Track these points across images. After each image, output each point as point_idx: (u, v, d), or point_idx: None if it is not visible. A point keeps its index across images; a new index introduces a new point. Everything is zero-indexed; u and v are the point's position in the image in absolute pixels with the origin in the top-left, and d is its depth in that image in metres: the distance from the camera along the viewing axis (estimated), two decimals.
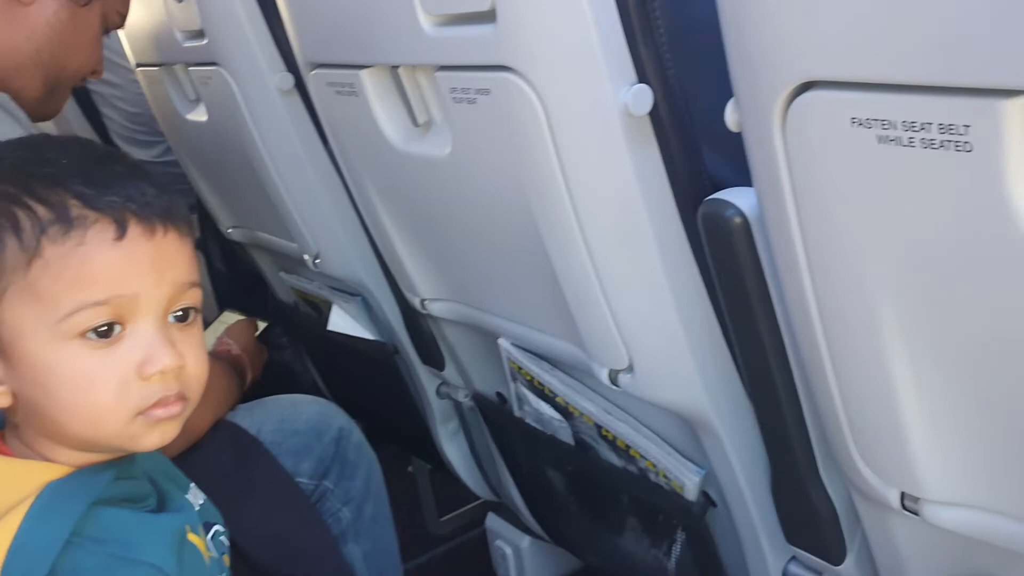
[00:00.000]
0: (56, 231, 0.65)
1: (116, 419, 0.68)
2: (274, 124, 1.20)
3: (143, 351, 0.67)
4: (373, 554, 1.22)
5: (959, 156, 0.50)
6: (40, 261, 0.65)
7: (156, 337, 0.68)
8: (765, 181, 0.63)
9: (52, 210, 0.66)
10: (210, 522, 0.81)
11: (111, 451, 0.71)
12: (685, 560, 1.02)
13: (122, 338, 0.67)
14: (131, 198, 0.68)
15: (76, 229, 0.66)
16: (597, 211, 0.78)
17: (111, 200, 0.67)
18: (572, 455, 1.08)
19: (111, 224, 0.67)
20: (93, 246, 0.66)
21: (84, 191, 0.67)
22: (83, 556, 0.65)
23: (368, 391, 1.53)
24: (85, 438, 0.69)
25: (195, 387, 0.71)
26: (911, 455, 0.65)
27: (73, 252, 0.65)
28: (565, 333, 0.93)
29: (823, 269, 0.62)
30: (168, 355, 0.68)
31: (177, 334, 0.70)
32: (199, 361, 0.71)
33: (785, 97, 0.57)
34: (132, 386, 0.67)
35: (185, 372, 0.70)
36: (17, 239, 0.65)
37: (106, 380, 0.67)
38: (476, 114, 0.81)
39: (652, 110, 0.74)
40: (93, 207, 0.66)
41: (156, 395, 0.68)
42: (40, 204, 0.66)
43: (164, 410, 0.69)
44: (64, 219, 0.66)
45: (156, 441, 0.70)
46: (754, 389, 0.81)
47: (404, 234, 1.08)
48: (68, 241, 0.65)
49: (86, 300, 0.65)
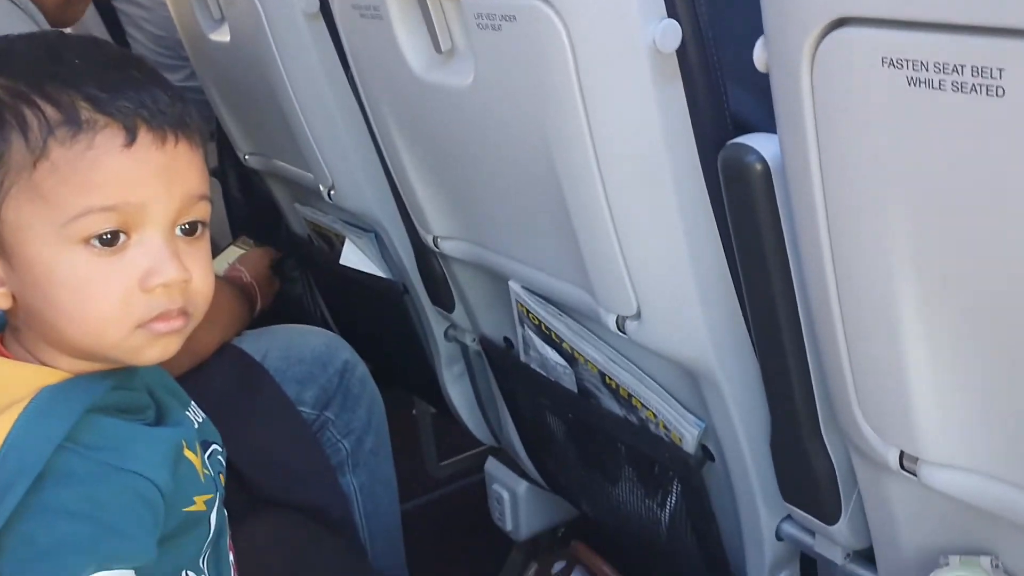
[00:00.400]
0: (64, 133, 0.64)
1: (117, 330, 0.67)
2: (297, 49, 1.19)
3: (148, 262, 0.66)
4: (370, 486, 1.23)
5: (991, 101, 0.48)
6: (46, 163, 0.64)
7: (162, 249, 0.67)
8: (789, 123, 0.61)
9: (61, 111, 0.65)
10: (208, 440, 0.81)
11: (111, 362, 0.71)
12: (678, 512, 1.02)
13: (127, 247, 0.66)
14: (143, 104, 0.66)
15: (85, 133, 0.65)
16: (616, 149, 0.77)
17: (123, 105, 0.66)
18: (574, 402, 1.08)
19: (121, 130, 0.65)
20: (102, 151, 0.65)
21: (96, 94, 0.65)
22: (75, 460, 0.65)
23: (375, 329, 1.53)
24: (85, 347, 0.68)
25: (199, 303, 0.70)
26: (913, 414, 0.64)
27: (81, 156, 0.64)
28: (575, 278, 0.92)
29: (841, 216, 0.61)
30: (173, 268, 0.67)
31: (184, 247, 0.69)
32: (205, 276, 0.70)
33: (816, 35, 0.56)
34: (135, 297, 0.66)
35: (190, 287, 0.69)
36: (23, 138, 0.64)
37: (109, 289, 0.66)
38: (500, 42, 0.80)
39: (679, 48, 0.72)
40: (104, 111, 0.65)
41: (159, 308, 0.67)
42: (49, 104, 0.65)
43: (166, 324, 0.68)
44: (73, 121, 0.64)
45: (156, 355, 0.69)
46: (761, 342, 0.80)
47: (421, 168, 1.07)
48: (76, 144, 0.64)
49: (92, 204, 0.64)
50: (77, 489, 0.64)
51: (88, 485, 0.65)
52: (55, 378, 0.68)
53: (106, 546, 0.64)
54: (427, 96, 0.94)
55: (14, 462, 0.62)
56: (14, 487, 0.62)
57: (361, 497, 1.22)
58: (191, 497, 0.73)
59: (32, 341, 0.70)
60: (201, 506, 0.74)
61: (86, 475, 0.65)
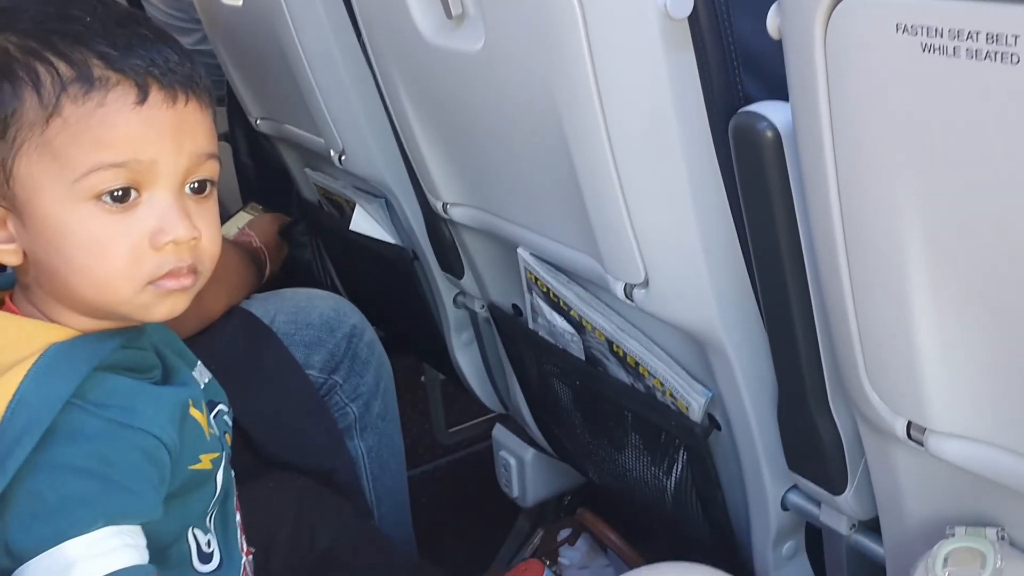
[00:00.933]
0: (77, 90, 0.65)
1: (127, 286, 0.68)
2: (309, 13, 1.18)
3: (158, 220, 0.67)
4: (377, 451, 1.23)
5: (1005, 68, 0.48)
6: (59, 119, 0.65)
7: (172, 207, 0.68)
8: (801, 90, 0.60)
9: (74, 68, 0.65)
10: (214, 400, 0.82)
11: (120, 319, 0.71)
12: (684, 481, 1.02)
13: (137, 204, 0.67)
14: (154, 62, 0.67)
15: (97, 90, 0.65)
16: (626, 117, 0.76)
17: (134, 63, 0.66)
18: (582, 369, 1.08)
19: (133, 88, 0.66)
20: (113, 108, 0.65)
21: (107, 51, 0.66)
22: (83, 417, 0.66)
23: (385, 296, 1.53)
24: (95, 303, 0.69)
25: (207, 261, 0.71)
26: (921, 384, 0.64)
27: (93, 113, 0.65)
28: (583, 245, 0.92)
29: (851, 184, 0.60)
30: (183, 226, 0.68)
31: (193, 206, 0.70)
32: (213, 235, 0.71)
33: (830, 1, 0.55)
34: (145, 254, 0.67)
35: (199, 245, 0.70)
36: (36, 94, 0.65)
37: (119, 246, 0.66)
38: (511, 7, 0.79)
39: (691, 14, 0.71)
40: (116, 69, 0.66)
41: (168, 265, 0.68)
42: (62, 61, 0.65)
43: (175, 281, 0.69)
44: (86, 79, 0.65)
45: (165, 312, 0.70)
46: (770, 310, 0.80)
47: (430, 134, 1.06)
48: (88, 101, 0.65)
49: (103, 161, 0.65)
50: (85, 446, 0.65)
51: (96, 442, 0.65)
52: (64, 335, 0.69)
53: (113, 502, 0.65)
54: (437, 61, 0.94)
55: (22, 418, 0.63)
56: (21, 443, 0.62)
57: (368, 461, 1.22)
58: (197, 455, 0.73)
59: (41, 299, 0.71)
60: (207, 464, 0.74)
61: (94, 432, 0.66)
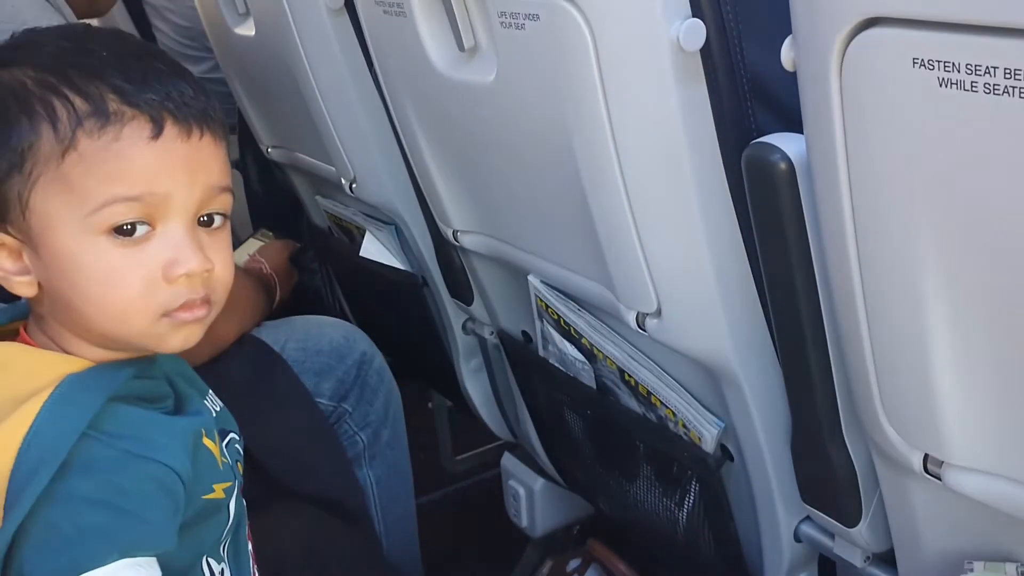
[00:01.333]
0: (92, 124, 0.65)
1: (142, 318, 0.68)
2: (321, 43, 1.19)
3: (171, 252, 0.67)
4: (386, 479, 1.23)
5: (1023, 103, 0.48)
6: (74, 153, 0.65)
7: (185, 239, 0.68)
8: (816, 122, 0.61)
9: (90, 103, 0.65)
10: (226, 429, 0.81)
11: (135, 349, 0.71)
12: (696, 512, 1.01)
13: (151, 238, 0.67)
14: (169, 97, 0.67)
15: (113, 124, 0.65)
16: (638, 148, 0.77)
17: (149, 98, 0.67)
18: (593, 398, 1.07)
19: (148, 122, 0.66)
20: (129, 142, 0.66)
21: (123, 86, 0.66)
22: (98, 448, 0.65)
23: (394, 322, 1.53)
24: (110, 334, 0.69)
25: (220, 291, 0.71)
26: (938, 417, 0.64)
27: (108, 147, 0.65)
28: (595, 274, 0.92)
29: (868, 218, 0.60)
30: (196, 259, 0.68)
31: (206, 238, 0.70)
32: (226, 266, 0.72)
33: (846, 34, 0.55)
34: (158, 287, 0.67)
35: (212, 276, 0.70)
36: (53, 129, 0.65)
37: (132, 278, 0.67)
38: (523, 40, 0.79)
39: (703, 47, 0.72)
40: (131, 103, 0.66)
41: (182, 297, 0.68)
42: (78, 96, 0.66)
43: (189, 313, 0.69)
44: (101, 113, 0.65)
45: (180, 343, 0.70)
46: (784, 341, 0.80)
47: (442, 163, 1.07)
48: (104, 136, 0.65)
49: (118, 194, 0.65)
50: (99, 477, 0.65)
51: (110, 473, 0.65)
52: (78, 366, 0.69)
53: (128, 534, 0.64)
54: (449, 93, 0.94)
55: (38, 450, 0.63)
56: (38, 474, 0.62)
57: (377, 490, 1.22)
58: (210, 485, 0.73)
59: (55, 330, 0.71)
60: (220, 494, 0.74)
61: (108, 463, 0.65)
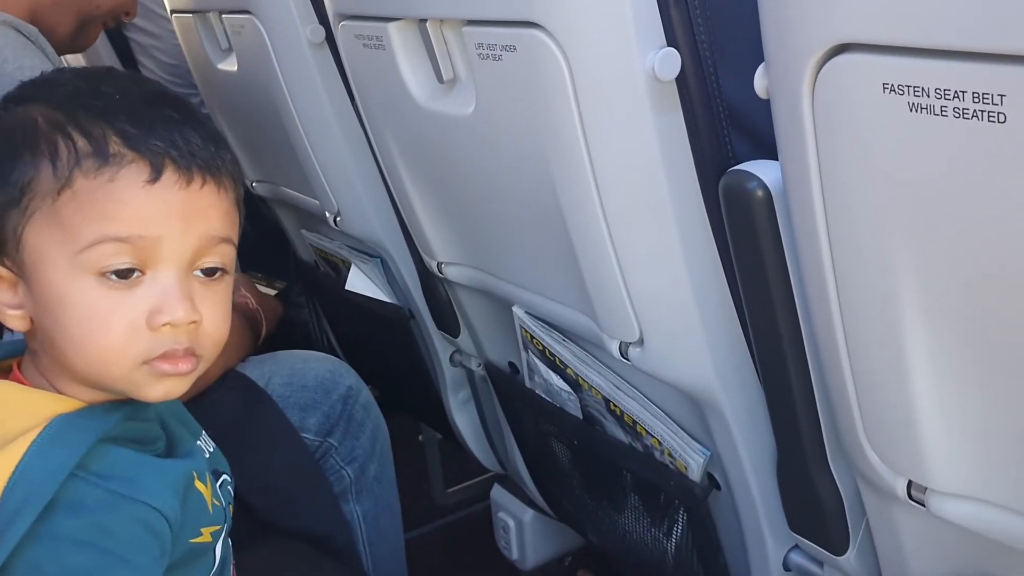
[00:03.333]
0: (90, 165, 0.65)
1: (120, 363, 0.67)
2: (303, 77, 1.19)
3: (157, 300, 0.66)
4: (374, 514, 1.22)
5: (992, 127, 0.48)
6: (69, 191, 0.65)
7: (174, 287, 0.66)
8: (790, 149, 0.61)
9: (92, 143, 0.65)
10: (218, 470, 0.80)
11: (118, 393, 0.71)
12: (684, 542, 1.00)
13: (140, 283, 0.66)
14: (174, 144, 0.67)
15: (111, 166, 0.65)
16: (616, 177, 0.77)
17: (152, 144, 0.66)
18: (579, 428, 1.07)
19: (147, 167, 0.66)
20: (123, 184, 0.65)
21: (127, 130, 0.66)
22: (85, 489, 0.65)
23: (381, 355, 1.52)
24: (90, 376, 0.68)
25: (209, 347, 0.69)
26: (921, 444, 0.63)
27: (102, 187, 0.65)
28: (578, 304, 0.92)
29: (844, 243, 0.60)
30: (181, 308, 0.66)
31: (200, 289, 0.68)
32: (218, 320, 0.69)
33: (817, 60, 0.56)
34: (139, 333, 0.66)
35: (200, 329, 0.68)
36: (52, 166, 0.65)
37: (114, 321, 0.66)
38: (501, 72, 0.80)
39: (679, 76, 0.72)
40: (132, 147, 0.66)
41: (163, 347, 0.67)
42: (81, 136, 0.66)
43: (171, 366, 0.67)
44: (101, 154, 0.65)
45: (160, 394, 0.69)
46: (766, 370, 0.80)
47: (424, 195, 1.07)
48: (100, 176, 0.65)
49: (106, 233, 0.65)
50: (86, 518, 0.64)
51: (97, 514, 0.64)
52: (69, 406, 0.68)
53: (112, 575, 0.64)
54: (430, 125, 0.94)
55: (24, 490, 0.62)
56: (21, 515, 0.62)
57: (364, 525, 1.20)
58: (198, 528, 0.72)
59: (48, 367, 0.70)
60: (208, 537, 0.73)
61: (95, 504, 0.65)
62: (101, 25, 1.21)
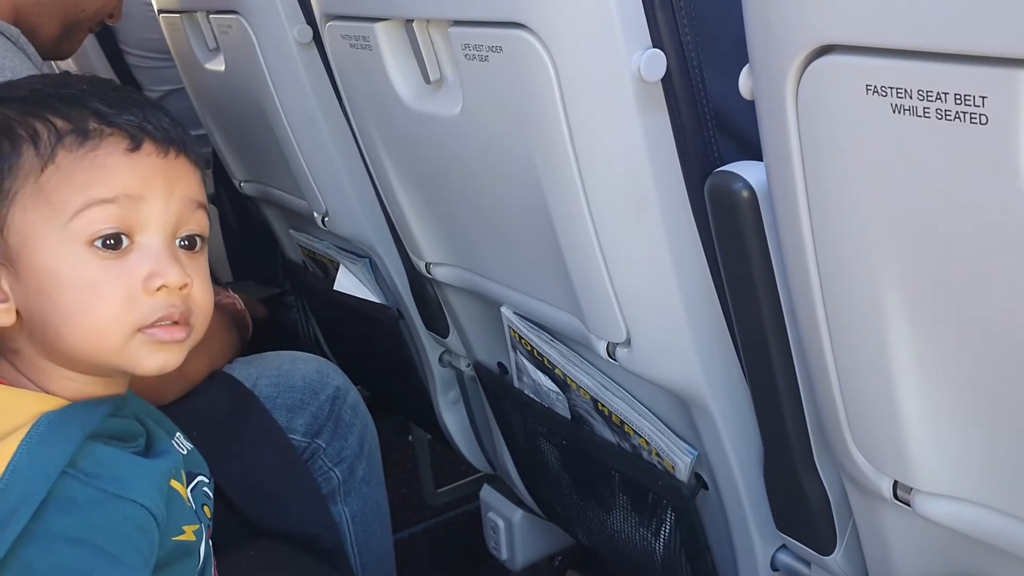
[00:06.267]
0: (72, 140, 0.67)
1: (118, 332, 0.67)
2: (290, 77, 1.19)
3: (150, 264, 0.68)
4: (362, 515, 1.21)
5: (974, 128, 0.48)
6: (53, 166, 0.67)
7: (164, 252, 0.69)
8: (774, 150, 0.61)
9: (71, 122, 0.68)
10: (193, 472, 0.80)
11: (110, 372, 0.71)
12: (673, 542, 1.00)
13: (130, 251, 0.68)
14: (147, 119, 0.70)
15: (92, 139, 0.68)
16: (603, 178, 0.77)
17: (128, 119, 0.69)
18: (567, 428, 1.07)
19: (126, 137, 0.69)
20: (105, 152, 0.68)
21: (103, 109, 0.69)
22: (77, 487, 0.65)
23: (371, 355, 1.52)
24: (85, 352, 0.68)
25: (200, 315, 0.71)
26: (906, 443, 0.64)
27: (85, 157, 0.67)
28: (566, 304, 0.92)
29: (828, 244, 0.60)
30: (175, 271, 0.68)
31: (184, 258, 0.71)
32: (205, 288, 0.72)
33: (800, 62, 0.56)
34: (137, 299, 0.68)
35: (191, 295, 0.70)
36: (34, 147, 0.67)
37: (112, 290, 0.67)
38: (487, 72, 0.80)
39: (664, 77, 0.72)
40: (109, 123, 0.69)
41: (160, 311, 0.68)
42: (59, 117, 0.68)
43: (167, 333, 0.69)
44: (81, 131, 0.68)
45: (158, 365, 0.70)
46: (752, 370, 0.80)
47: (412, 195, 1.06)
48: (82, 149, 0.67)
49: (93, 197, 0.66)
50: (77, 516, 0.64)
51: (88, 512, 0.65)
52: (54, 405, 0.68)
53: (103, 573, 0.64)
54: (416, 125, 0.94)
55: (18, 489, 0.63)
56: (17, 514, 0.62)
57: (353, 526, 1.20)
58: (180, 526, 0.72)
59: (29, 365, 0.70)
60: (191, 536, 0.73)
61: (86, 502, 0.65)
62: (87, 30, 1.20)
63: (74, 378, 0.70)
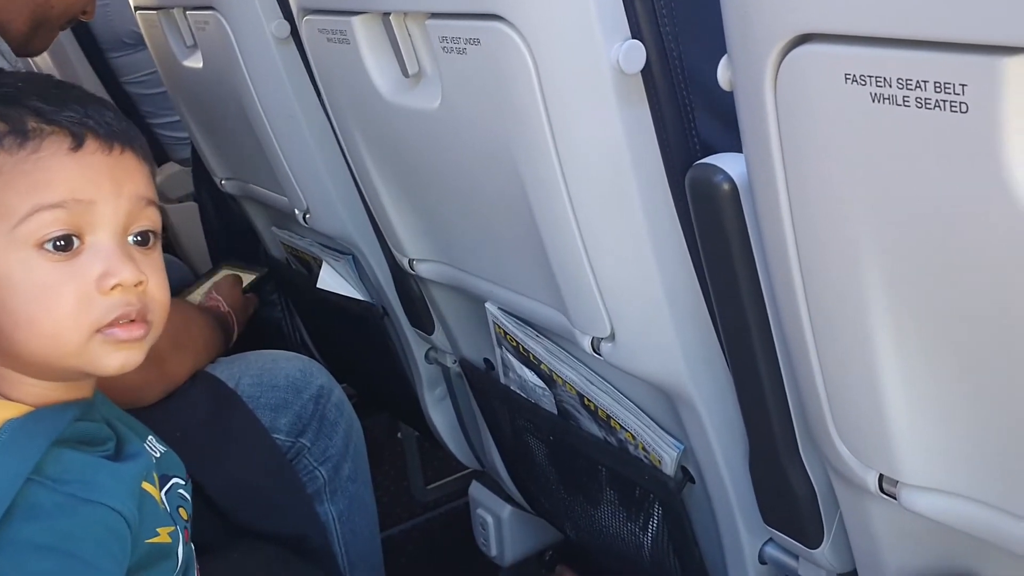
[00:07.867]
0: (11, 142, 0.65)
1: (75, 335, 0.66)
2: (269, 73, 1.18)
3: (103, 264, 0.67)
4: (348, 514, 1.21)
5: (954, 117, 0.47)
6: None
7: (115, 251, 0.67)
8: (754, 141, 0.60)
9: (8, 123, 0.66)
10: (168, 474, 0.79)
11: (71, 376, 0.70)
12: (660, 536, 1.00)
13: (81, 251, 0.66)
14: (88, 115, 0.68)
15: (32, 140, 0.66)
16: (584, 172, 0.76)
17: (68, 116, 0.67)
18: (554, 423, 1.06)
19: (68, 136, 0.67)
20: (48, 153, 0.66)
21: (41, 107, 0.67)
22: (43, 494, 0.64)
23: (356, 353, 1.51)
24: (43, 357, 0.67)
25: (158, 311, 0.70)
26: (891, 437, 0.63)
27: (27, 159, 0.65)
28: (550, 299, 0.91)
29: (809, 235, 0.59)
30: (128, 269, 0.67)
31: (138, 255, 0.69)
32: (161, 283, 0.71)
33: (779, 51, 0.55)
34: (93, 299, 0.66)
35: (147, 291, 0.69)
36: None
37: (65, 292, 0.66)
38: (466, 65, 0.79)
39: (644, 69, 0.71)
40: (49, 121, 0.67)
41: (116, 309, 0.67)
42: None
43: (125, 331, 0.68)
44: (20, 131, 0.66)
45: (118, 364, 0.69)
46: (735, 363, 0.79)
47: (393, 191, 1.05)
48: (23, 151, 0.65)
49: (41, 202, 0.65)
50: (44, 522, 0.63)
51: (55, 518, 0.64)
52: (18, 411, 0.67)
53: None
54: (396, 119, 0.93)
55: None
56: None
57: (339, 525, 1.19)
58: (154, 529, 0.72)
59: None
60: (165, 538, 0.73)
61: (53, 508, 0.64)
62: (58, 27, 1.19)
63: (37, 384, 0.69)
